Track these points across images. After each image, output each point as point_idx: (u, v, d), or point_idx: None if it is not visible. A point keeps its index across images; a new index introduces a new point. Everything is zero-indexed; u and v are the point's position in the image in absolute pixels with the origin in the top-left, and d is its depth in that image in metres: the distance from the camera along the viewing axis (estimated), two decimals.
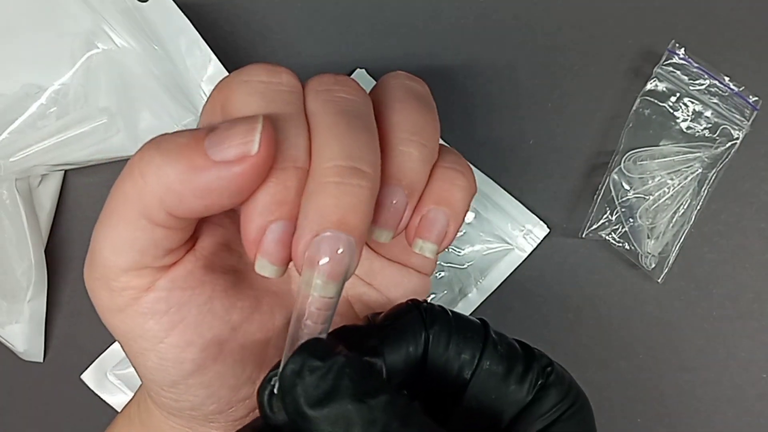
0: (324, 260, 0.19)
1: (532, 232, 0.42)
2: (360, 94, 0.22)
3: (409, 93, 0.24)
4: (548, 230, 0.41)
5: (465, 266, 0.42)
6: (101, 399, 0.41)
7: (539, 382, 0.22)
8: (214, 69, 0.38)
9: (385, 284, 0.27)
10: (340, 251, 0.19)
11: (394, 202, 0.22)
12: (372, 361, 0.21)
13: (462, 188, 0.23)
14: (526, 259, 0.42)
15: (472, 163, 0.41)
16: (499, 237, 0.42)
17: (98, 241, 0.22)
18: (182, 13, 0.37)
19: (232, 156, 0.19)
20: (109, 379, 0.40)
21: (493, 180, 0.42)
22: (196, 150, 0.19)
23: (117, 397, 0.40)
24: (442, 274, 0.42)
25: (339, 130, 0.20)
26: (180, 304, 0.23)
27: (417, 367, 0.22)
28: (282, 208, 0.19)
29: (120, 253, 0.22)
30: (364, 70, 0.42)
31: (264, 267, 0.20)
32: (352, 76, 0.41)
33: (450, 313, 0.23)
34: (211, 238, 0.24)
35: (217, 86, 0.22)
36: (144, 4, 0.37)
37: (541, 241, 0.42)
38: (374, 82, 0.42)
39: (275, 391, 0.20)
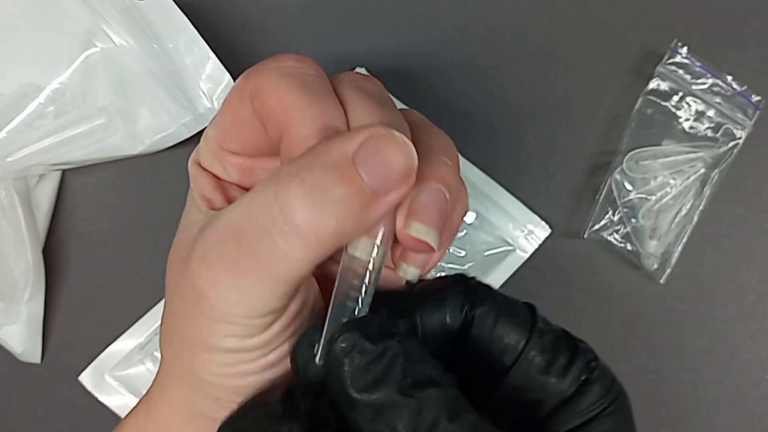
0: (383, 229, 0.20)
1: (533, 233, 0.41)
2: (384, 90, 0.23)
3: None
4: (550, 230, 0.41)
5: (466, 267, 0.42)
6: (99, 401, 0.40)
7: (582, 377, 0.21)
8: (212, 67, 0.38)
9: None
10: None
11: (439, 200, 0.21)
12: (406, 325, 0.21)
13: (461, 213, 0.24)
14: (527, 259, 0.41)
15: (473, 164, 0.41)
16: (501, 237, 0.42)
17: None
18: (181, 12, 0.37)
19: (397, 186, 0.19)
20: (107, 381, 0.40)
21: (494, 180, 0.41)
22: (366, 192, 0.19)
23: (115, 399, 0.40)
24: (443, 275, 0.42)
25: (375, 109, 0.21)
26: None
27: (454, 341, 0.22)
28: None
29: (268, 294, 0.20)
30: (364, 69, 0.42)
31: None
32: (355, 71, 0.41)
33: (499, 294, 0.23)
34: None
35: (243, 76, 0.22)
36: (143, 2, 0.37)
37: (543, 241, 0.41)
38: None
39: (317, 359, 0.20)
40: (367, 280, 0.20)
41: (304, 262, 0.19)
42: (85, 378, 0.40)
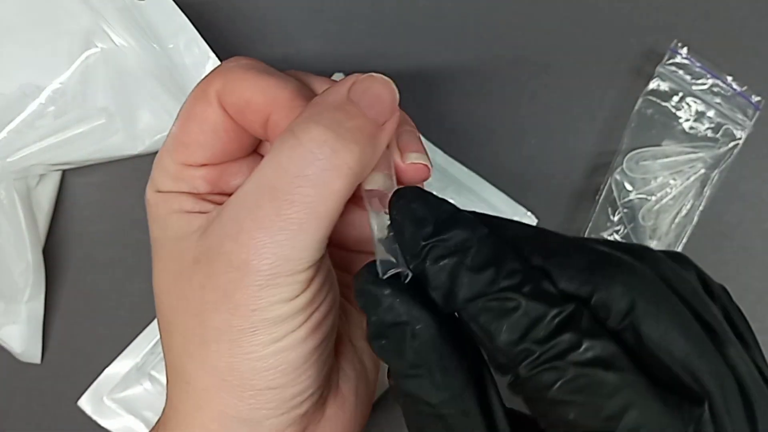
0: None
1: None
2: None
3: None
4: (537, 220, 0.41)
5: None
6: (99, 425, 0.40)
7: None
8: (213, 67, 0.37)
9: None
10: None
11: None
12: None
13: None
14: None
15: (474, 163, 0.41)
16: None
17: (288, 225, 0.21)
18: (181, 12, 0.37)
19: (390, 113, 0.22)
20: (106, 404, 0.40)
21: (486, 180, 0.41)
22: (370, 123, 0.22)
23: (115, 421, 0.40)
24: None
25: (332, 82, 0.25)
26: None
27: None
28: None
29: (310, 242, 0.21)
30: (341, 74, 0.42)
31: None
32: (332, 78, 0.41)
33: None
34: None
35: (201, 85, 0.24)
36: (142, 2, 0.37)
37: None
38: None
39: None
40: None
41: (340, 193, 0.21)
42: (84, 402, 0.40)
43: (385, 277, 0.20)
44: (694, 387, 0.17)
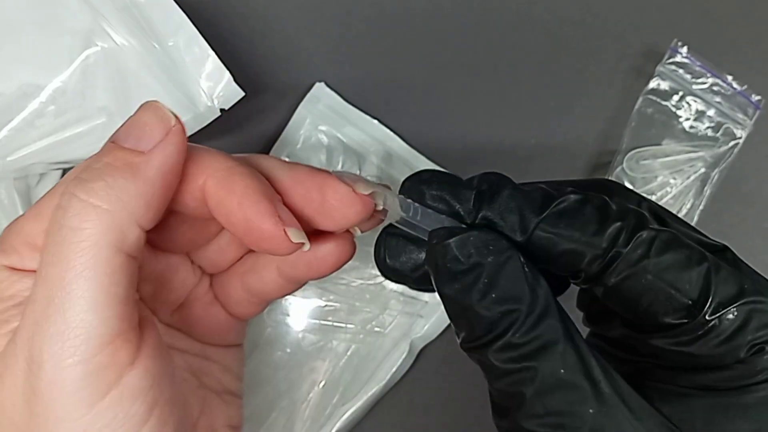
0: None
1: None
2: None
3: None
4: None
5: None
6: None
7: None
8: (212, 66, 0.38)
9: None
10: None
11: None
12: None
13: None
14: None
15: (474, 164, 0.41)
16: None
17: (73, 305, 0.19)
18: (180, 10, 0.37)
19: (159, 136, 0.20)
20: None
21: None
22: (116, 153, 0.20)
23: None
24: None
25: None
26: (161, 375, 0.20)
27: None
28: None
29: (102, 314, 0.19)
30: (323, 83, 0.42)
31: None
32: (312, 89, 0.41)
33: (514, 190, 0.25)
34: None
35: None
36: (142, 0, 0.37)
37: None
38: (334, 95, 0.42)
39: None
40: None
41: (101, 237, 0.19)
42: None
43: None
44: None
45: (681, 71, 0.41)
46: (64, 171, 0.42)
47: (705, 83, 0.41)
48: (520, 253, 0.21)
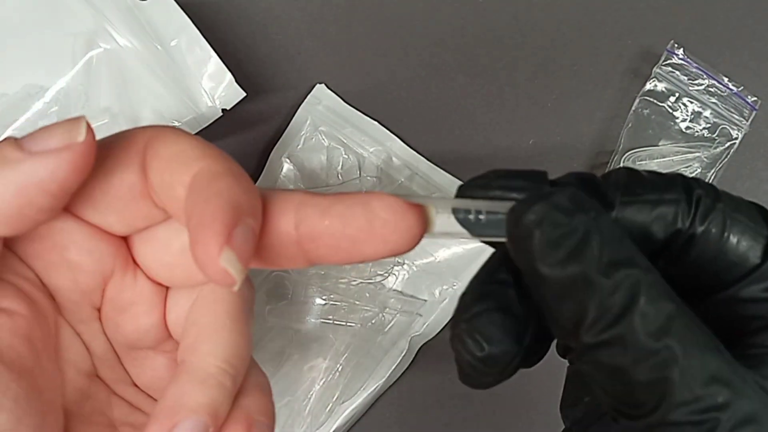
0: None
1: None
2: None
3: None
4: None
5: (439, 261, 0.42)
6: None
7: None
8: (214, 67, 0.38)
9: None
10: None
11: None
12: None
13: None
14: None
15: (473, 164, 0.41)
16: None
17: None
18: (183, 12, 0.37)
19: (55, 145, 0.18)
20: None
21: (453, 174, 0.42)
22: (8, 143, 0.18)
23: None
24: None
25: None
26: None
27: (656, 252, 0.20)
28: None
29: None
30: (324, 85, 0.42)
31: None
32: (313, 91, 0.42)
33: (727, 198, 0.22)
34: None
35: None
36: (145, 2, 0.37)
37: None
38: (335, 97, 0.42)
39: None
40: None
41: None
42: None
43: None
44: None
45: (677, 73, 0.42)
46: None
47: (701, 85, 0.41)
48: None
